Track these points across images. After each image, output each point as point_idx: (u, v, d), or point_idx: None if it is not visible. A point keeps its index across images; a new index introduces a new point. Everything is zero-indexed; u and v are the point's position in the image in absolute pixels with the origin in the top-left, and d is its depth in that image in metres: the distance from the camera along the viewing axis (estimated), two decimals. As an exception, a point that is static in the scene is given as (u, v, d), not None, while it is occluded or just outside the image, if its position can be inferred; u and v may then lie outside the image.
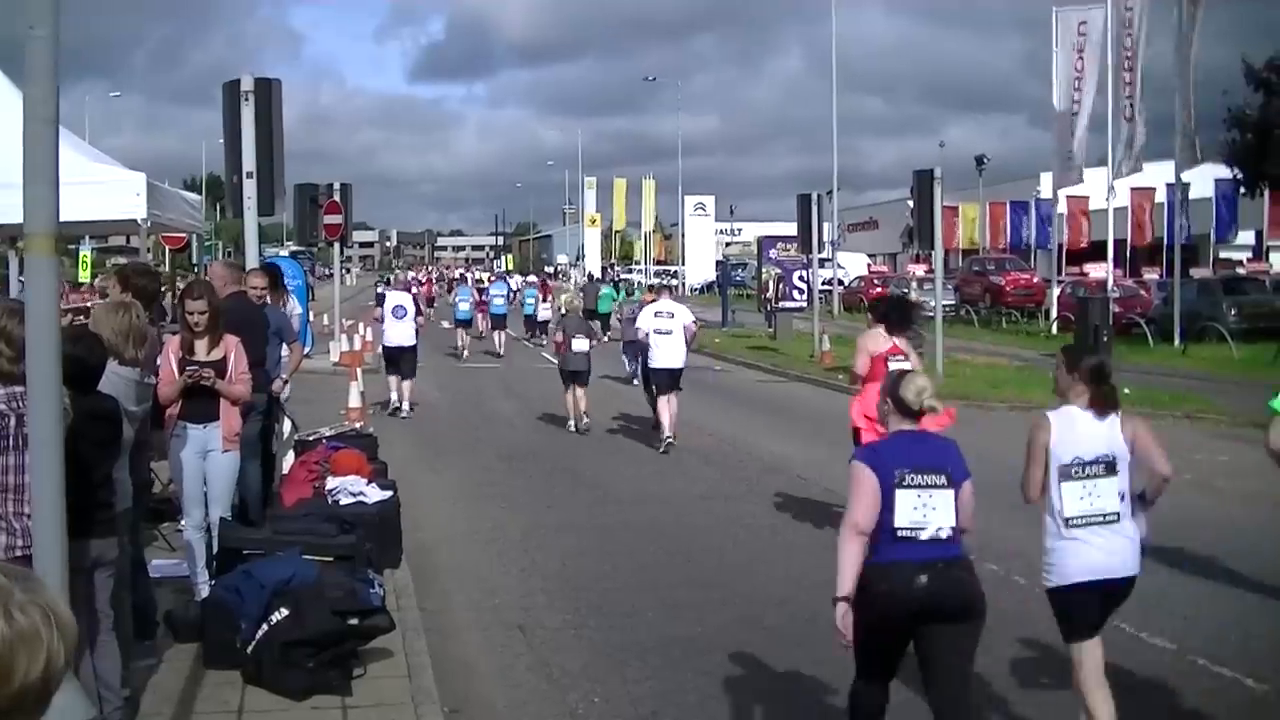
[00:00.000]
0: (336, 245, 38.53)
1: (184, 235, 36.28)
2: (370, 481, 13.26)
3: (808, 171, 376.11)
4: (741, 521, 16.00)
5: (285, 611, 9.31)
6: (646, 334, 22.43)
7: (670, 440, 20.91)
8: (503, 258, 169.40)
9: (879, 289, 56.69)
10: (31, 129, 5.22)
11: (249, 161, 15.35)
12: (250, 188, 15.27)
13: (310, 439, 16.11)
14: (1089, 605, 8.10)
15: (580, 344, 24.01)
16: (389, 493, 13.17)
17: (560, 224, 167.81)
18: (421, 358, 28.86)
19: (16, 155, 13.21)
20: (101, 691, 7.50)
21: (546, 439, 23.28)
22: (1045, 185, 61.08)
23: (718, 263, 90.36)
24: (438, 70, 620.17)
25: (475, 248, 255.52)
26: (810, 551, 14.03)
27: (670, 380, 21.88)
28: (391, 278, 60.72)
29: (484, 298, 48.15)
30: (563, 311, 26.99)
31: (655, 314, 22.57)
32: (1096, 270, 47.78)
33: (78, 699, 5.03)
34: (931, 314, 32.50)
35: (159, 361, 10.52)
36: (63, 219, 5.54)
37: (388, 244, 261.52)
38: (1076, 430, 8.19)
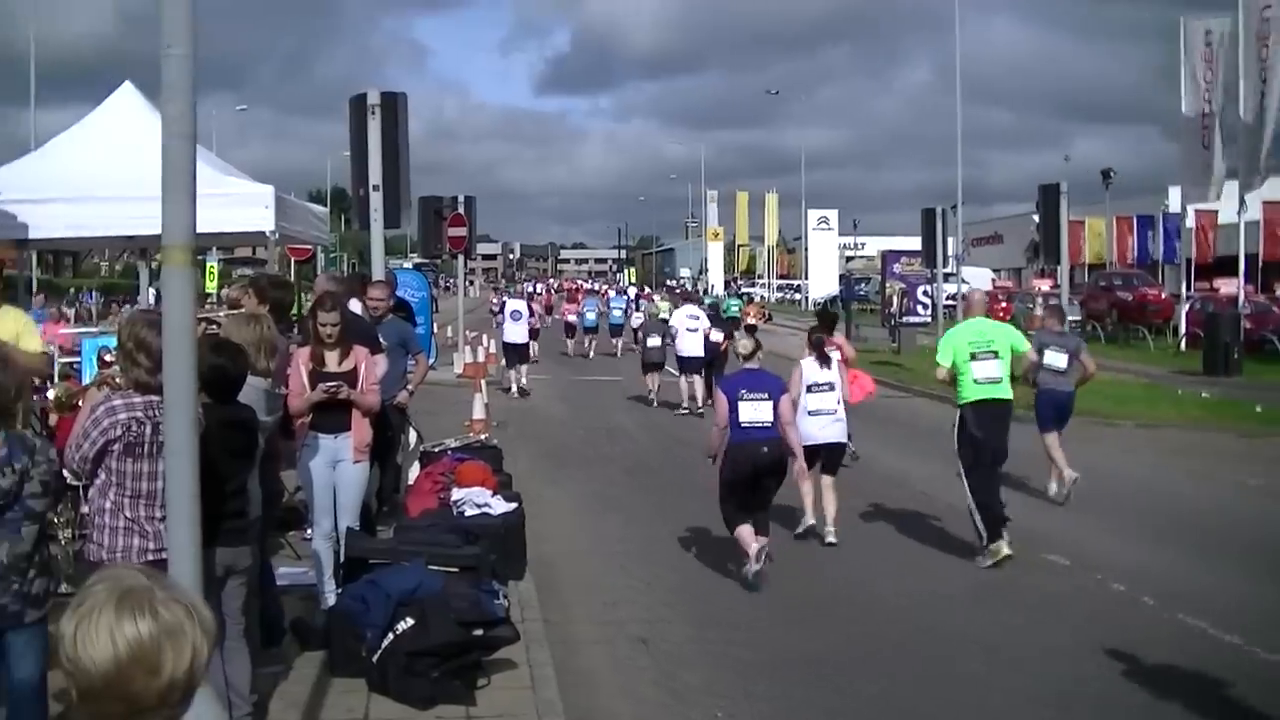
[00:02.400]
0: (460, 258, 38.76)
1: (309, 247, 36.74)
2: (495, 493, 13.33)
3: (932, 185, 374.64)
4: (863, 536, 15.89)
5: (410, 621, 9.38)
6: (676, 329, 30.21)
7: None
8: (625, 271, 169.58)
9: (1003, 304, 56.22)
10: (169, 144, 5.31)
11: (375, 175, 15.50)
12: (376, 200, 15.41)
13: (435, 450, 16.24)
14: None
15: (654, 340, 31.92)
16: (514, 504, 13.23)
17: (682, 237, 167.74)
18: (543, 371, 36.40)
19: (146, 169, 13.47)
20: (231, 697, 7.61)
21: (668, 452, 23.26)
22: (1173, 199, 60.20)
23: (841, 277, 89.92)
24: (562, 83, 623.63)
25: (598, 261, 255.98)
26: (931, 566, 13.94)
27: (695, 366, 29.68)
28: (499, 286, 65.32)
29: (606, 308, 52.98)
30: (643, 318, 36.67)
31: (688, 315, 30.46)
32: (1227, 286, 47.03)
33: (210, 703, 5.11)
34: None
35: (288, 372, 10.66)
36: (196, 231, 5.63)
37: (511, 256, 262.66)
38: None
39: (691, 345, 29.83)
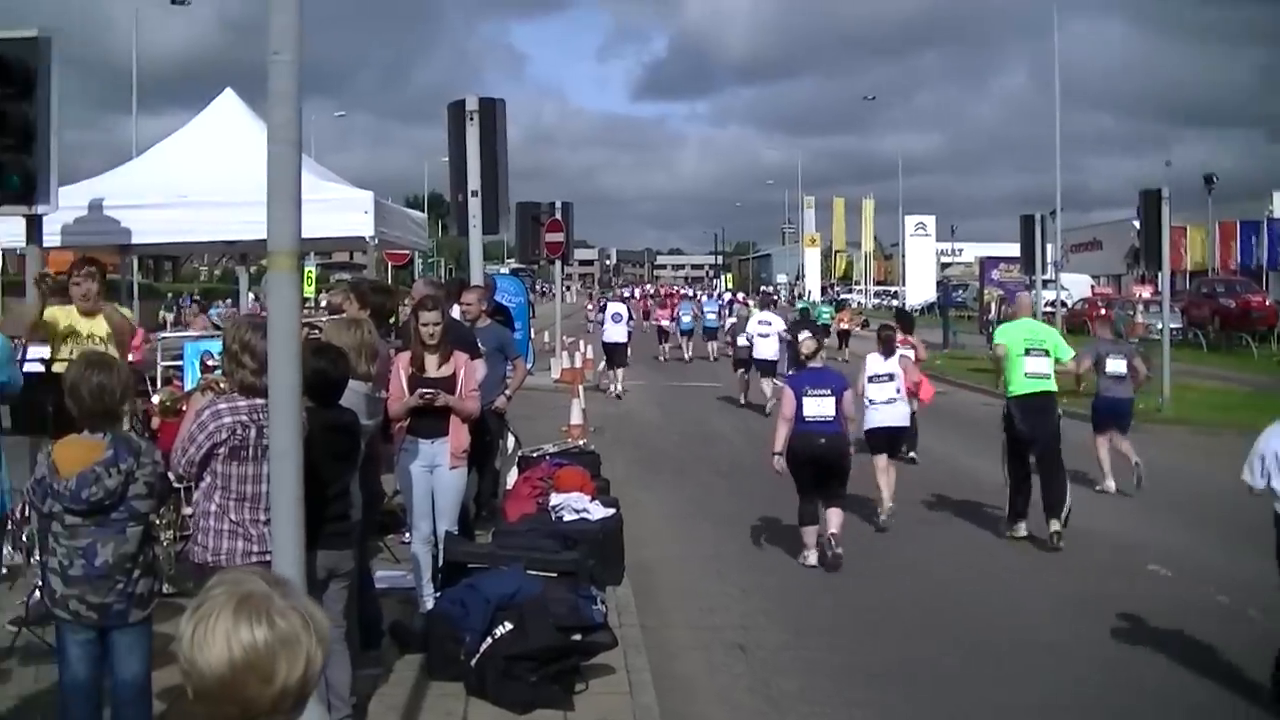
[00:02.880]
0: (558, 263, 38.88)
1: (407, 252, 36.97)
2: (593, 498, 13.36)
3: (1030, 190, 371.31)
4: (963, 545, 15.80)
5: (509, 625, 9.41)
6: (752, 335, 32.43)
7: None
8: (722, 277, 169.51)
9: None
10: (275, 150, 5.35)
11: (474, 180, 15.54)
12: (475, 206, 15.46)
13: (534, 455, 16.28)
14: None
15: (744, 340, 33.59)
16: (612, 510, 13.24)
17: (779, 243, 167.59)
18: (638, 376, 37.17)
19: (247, 175, 13.55)
20: (331, 699, 7.66)
21: (763, 456, 23.16)
22: (1278, 204, 59.42)
23: (938, 283, 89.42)
24: (659, 89, 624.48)
25: (694, 266, 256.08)
26: (1032, 577, 13.79)
27: (768, 368, 31.43)
28: (594, 292, 68.08)
29: (701, 312, 53.85)
30: (733, 320, 39.70)
31: (759, 322, 32.72)
32: (1333, 292, 46.38)
33: (311, 705, 5.13)
34: (1158, 336, 31.85)
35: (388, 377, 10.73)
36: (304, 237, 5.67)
37: (607, 262, 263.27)
38: None
39: (765, 349, 31.84)
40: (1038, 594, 13.37)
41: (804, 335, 16.04)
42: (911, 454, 21.21)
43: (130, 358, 10.60)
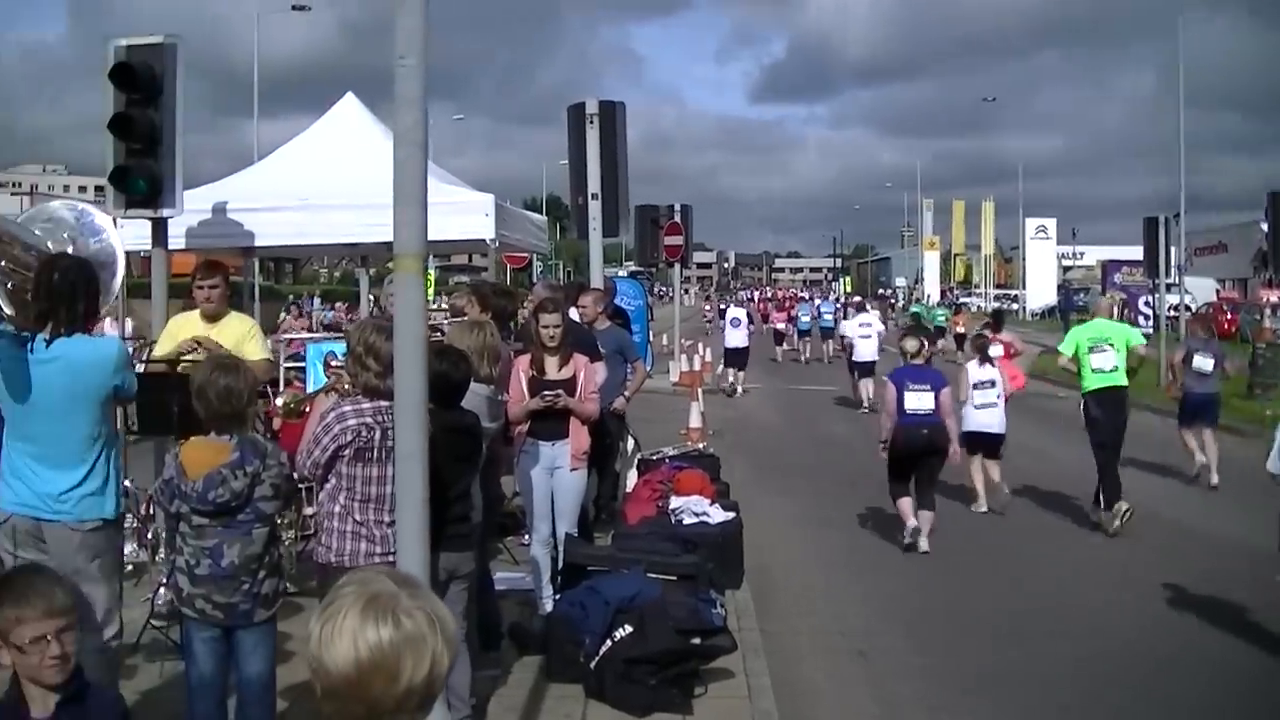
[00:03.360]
0: (676, 266, 38.90)
1: (525, 255, 37.11)
2: (713, 502, 13.32)
3: (1154, 192, 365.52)
4: (1083, 553, 15.61)
5: (629, 628, 9.40)
6: (852, 336, 33.87)
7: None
8: (840, 280, 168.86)
9: (1228, 316, 54.81)
10: (402, 153, 5.37)
11: (594, 183, 15.57)
12: (595, 209, 15.48)
13: (654, 458, 16.27)
14: None
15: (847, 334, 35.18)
16: (731, 514, 13.20)
17: (898, 246, 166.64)
18: (756, 380, 37.91)
19: (368, 178, 13.61)
20: (451, 700, 7.69)
21: (882, 461, 23.02)
22: None
23: (1059, 287, 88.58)
24: (778, 91, 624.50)
25: (812, 269, 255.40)
26: (1157, 588, 13.58)
27: (868, 370, 32.30)
28: (712, 294, 68.91)
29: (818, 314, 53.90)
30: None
31: (860, 324, 34.03)
32: None
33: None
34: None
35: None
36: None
37: (726, 265, 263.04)
38: None
39: (865, 350, 33.07)
40: (1164, 602, 13.15)
41: (907, 336, 16.98)
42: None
43: None
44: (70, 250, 8.68)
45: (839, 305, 60.53)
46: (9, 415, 7.52)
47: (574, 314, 13.49)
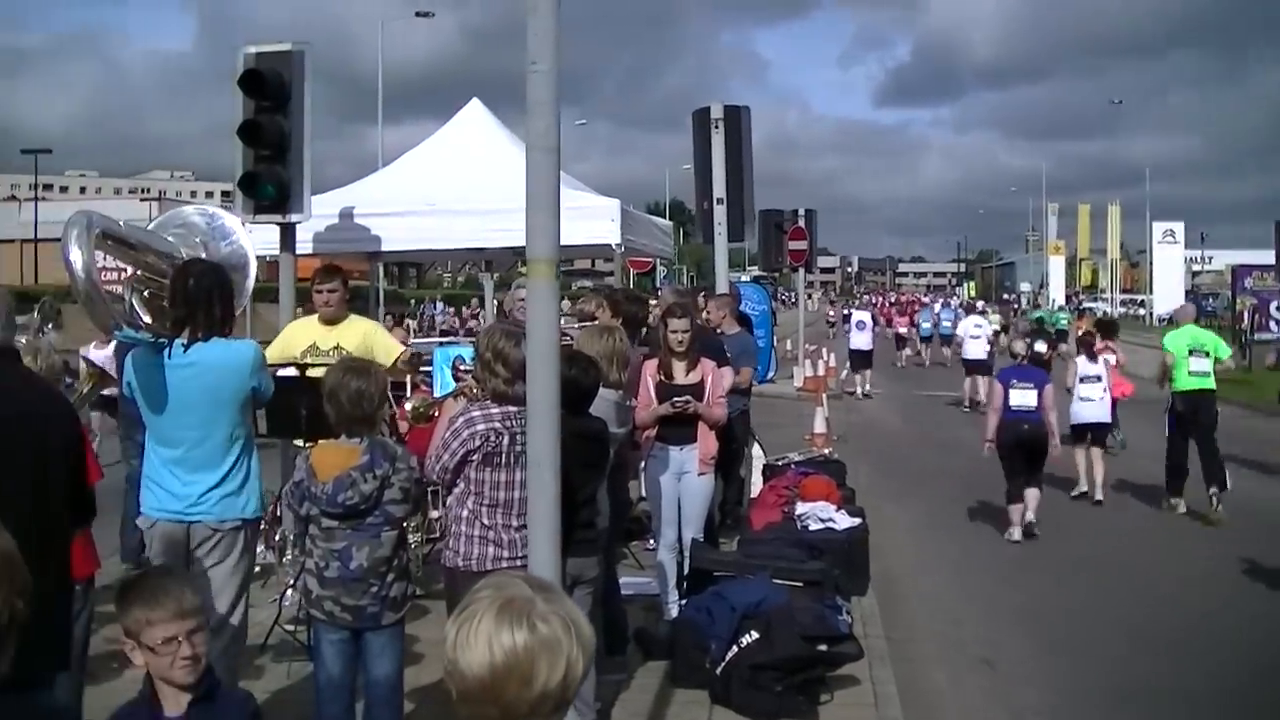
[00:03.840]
0: (800, 271, 38.78)
1: (649, 260, 37.13)
2: (839, 508, 13.25)
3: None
4: (1212, 562, 15.30)
5: (755, 634, 9.36)
6: (963, 336, 36.36)
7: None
8: (964, 285, 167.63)
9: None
10: (534, 158, 5.37)
11: (719, 188, 15.54)
12: (720, 214, 15.45)
13: (779, 464, 16.22)
14: None
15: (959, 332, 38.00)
16: (857, 520, 13.13)
17: (1023, 251, 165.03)
18: (879, 385, 39.18)
19: (493, 184, 13.65)
20: (576, 704, 7.68)
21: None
22: None
23: (1187, 292, 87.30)
24: (902, 94, 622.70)
25: (936, 274, 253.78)
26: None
27: (976, 368, 34.19)
28: (833, 299, 70.60)
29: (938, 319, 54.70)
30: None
31: (973, 324, 36.65)
32: None
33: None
34: None
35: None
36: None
37: (849, 270, 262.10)
38: None
39: (975, 350, 35.11)
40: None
41: (1015, 339, 19.15)
42: (1113, 445, 22.66)
43: None
44: (203, 255, 8.75)
45: (958, 310, 60.76)
46: (150, 421, 7.63)
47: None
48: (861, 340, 39.24)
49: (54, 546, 4.92)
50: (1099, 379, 20.05)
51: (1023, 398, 16.67)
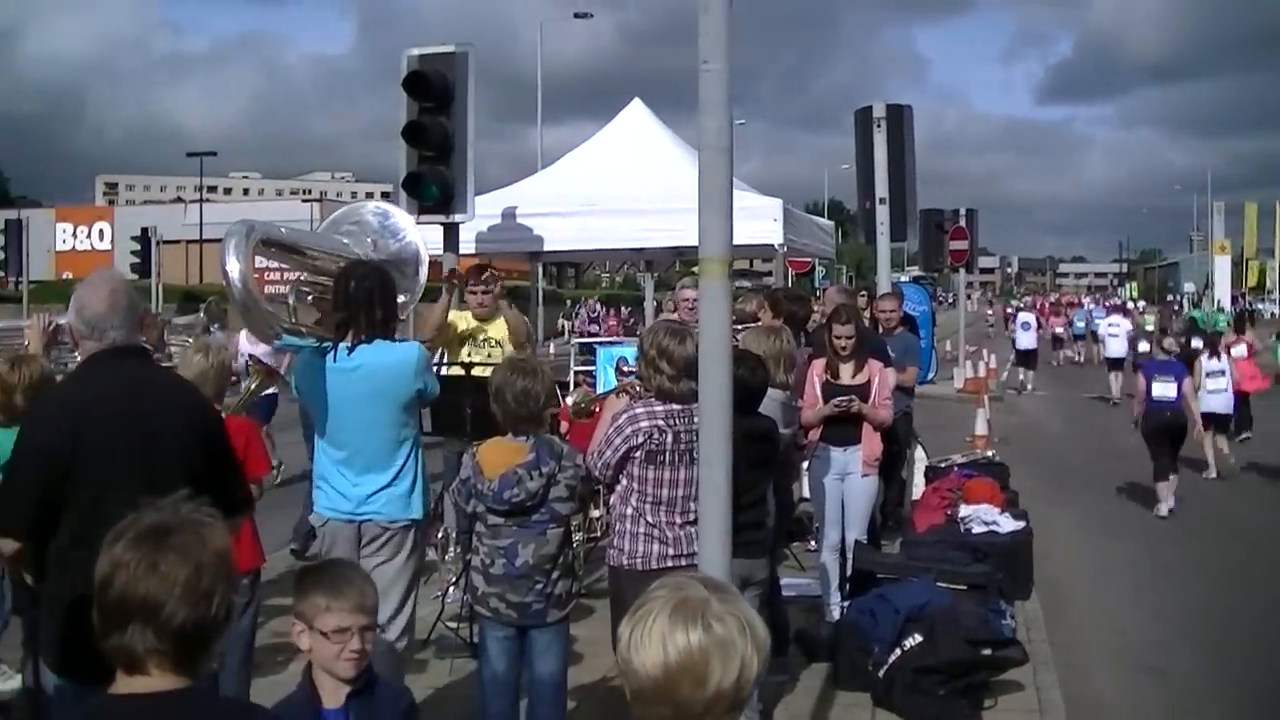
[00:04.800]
0: (961, 271, 38.48)
1: (808, 260, 36.99)
2: (1003, 511, 13.12)
3: None
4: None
5: (919, 637, 9.30)
6: (1104, 335, 40.46)
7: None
8: (1126, 286, 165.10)
9: None
10: (707, 158, 5.36)
11: (881, 187, 15.46)
12: (883, 214, 15.37)
13: (942, 465, 16.09)
14: None
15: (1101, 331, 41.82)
16: (1021, 523, 12.99)
17: (1187, 251, 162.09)
18: (1042, 387, 40.74)
19: (655, 183, 13.67)
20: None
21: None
22: None
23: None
24: (1064, 91, 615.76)
25: (1097, 275, 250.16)
26: None
27: (1116, 364, 36.83)
28: (992, 299, 72.37)
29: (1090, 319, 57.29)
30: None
31: (1109, 324, 40.37)
32: None
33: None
34: None
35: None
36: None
37: (1008, 270, 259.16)
38: None
39: (1113, 348, 38.27)
40: None
41: (1165, 337, 22.44)
42: (1243, 435, 25.20)
43: None
44: (372, 252, 8.85)
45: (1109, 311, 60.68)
46: (318, 423, 7.73)
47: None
48: (1027, 340, 42.02)
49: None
50: (1223, 373, 22.69)
51: (1164, 389, 18.70)
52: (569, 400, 11.13)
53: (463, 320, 11.78)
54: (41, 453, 5.34)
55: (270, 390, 10.95)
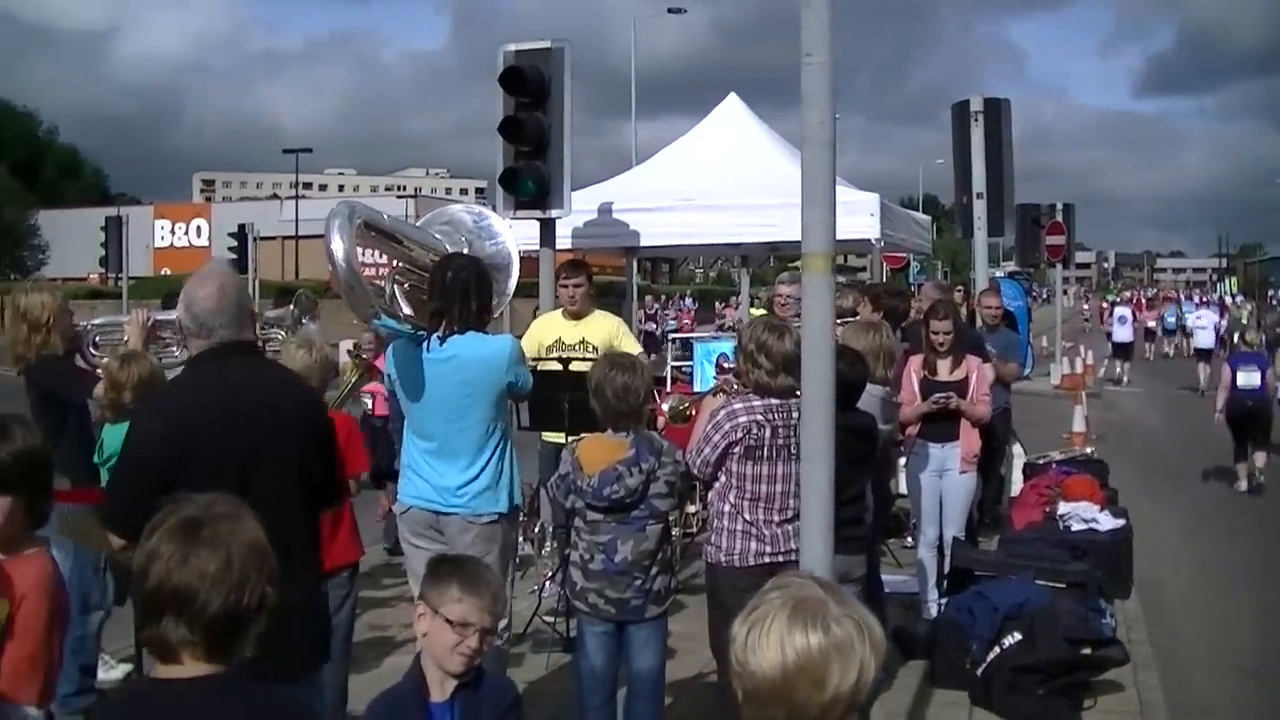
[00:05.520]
0: (1058, 266, 38.18)
1: (903, 256, 36.83)
2: (1102, 508, 12.99)
3: None
4: None
5: (1018, 636, 9.23)
6: (1191, 328, 43.05)
7: None
8: (1226, 280, 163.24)
9: None
10: (810, 152, 5.34)
11: (978, 182, 15.35)
12: (980, 208, 15.27)
13: (1040, 462, 15.96)
14: None
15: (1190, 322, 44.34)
16: (1121, 521, 12.86)
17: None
18: (1138, 384, 40.57)
19: (751, 178, 13.64)
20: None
21: (1275, 470, 22.21)
22: None
23: None
24: (1164, 83, 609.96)
25: (1195, 270, 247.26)
26: None
27: (1204, 356, 38.57)
28: (1087, 294, 74.65)
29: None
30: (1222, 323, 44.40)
31: (1196, 318, 42.71)
32: None
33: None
34: None
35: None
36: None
37: (1105, 265, 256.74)
38: None
39: (1202, 340, 40.15)
40: None
41: (1249, 330, 23.43)
42: None
43: None
44: (466, 251, 8.89)
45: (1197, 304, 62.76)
46: (407, 412, 7.77)
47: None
48: (1123, 333, 43.65)
49: (289, 538, 4.94)
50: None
51: (1247, 379, 20.06)
52: (665, 405, 11.12)
53: (553, 322, 11.72)
54: (148, 458, 5.37)
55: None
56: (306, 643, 5.39)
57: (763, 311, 14.18)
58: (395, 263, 8.42)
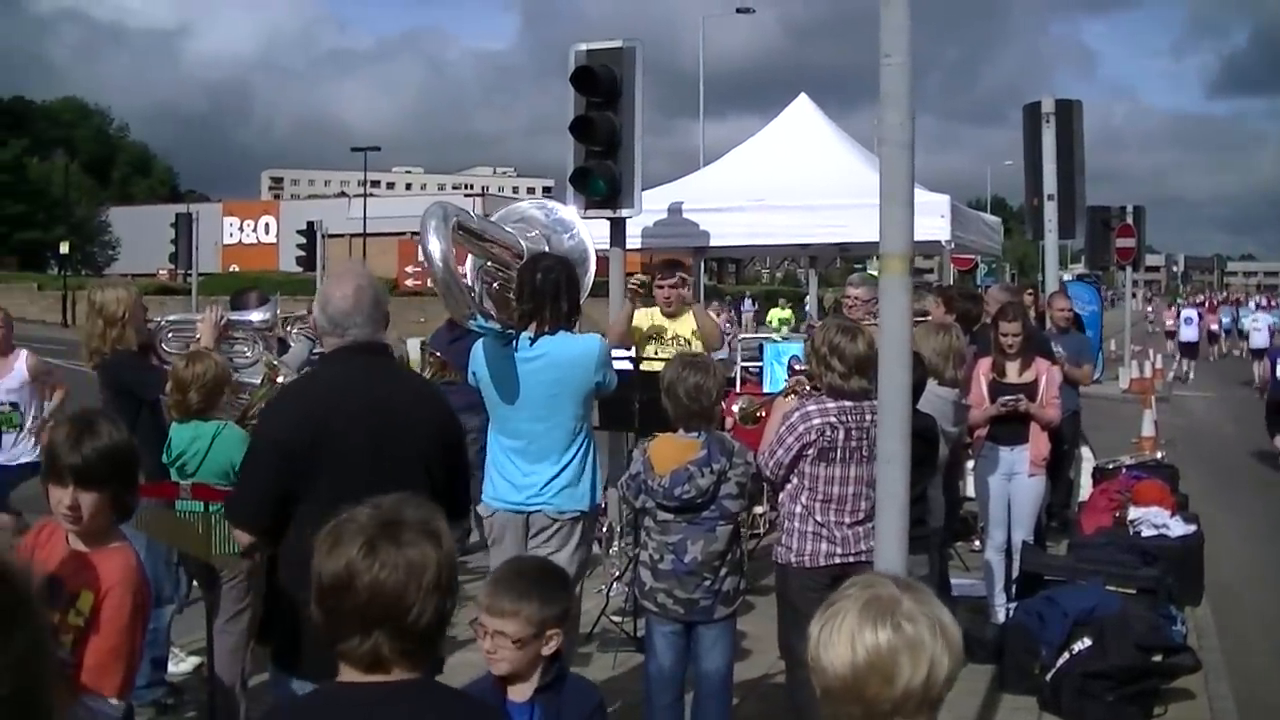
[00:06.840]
0: (1128, 269, 37.97)
1: (972, 258, 36.67)
2: (1173, 514, 12.90)
3: None
4: None
5: (1088, 641, 9.18)
6: (1247, 329, 45.17)
7: None
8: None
9: None
10: (888, 152, 5.34)
11: (1049, 184, 15.28)
12: (1050, 210, 15.19)
13: (1110, 467, 15.86)
14: None
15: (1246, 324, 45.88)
16: (1192, 527, 12.75)
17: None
18: (1206, 389, 40.22)
19: (821, 179, 13.62)
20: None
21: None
22: None
23: None
24: (1238, 84, 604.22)
25: (1267, 274, 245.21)
26: None
27: (1258, 354, 39.08)
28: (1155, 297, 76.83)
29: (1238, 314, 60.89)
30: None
31: (1251, 318, 45.13)
32: None
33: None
34: None
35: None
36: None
37: (1174, 268, 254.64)
38: None
39: (1257, 340, 42.38)
40: None
41: None
42: None
43: None
44: (546, 248, 8.91)
45: (1256, 306, 65.86)
46: (494, 412, 7.78)
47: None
48: (1189, 332, 46.71)
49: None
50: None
51: None
52: (735, 407, 11.11)
53: (647, 318, 11.77)
54: (278, 450, 5.44)
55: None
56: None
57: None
58: (485, 262, 8.45)
